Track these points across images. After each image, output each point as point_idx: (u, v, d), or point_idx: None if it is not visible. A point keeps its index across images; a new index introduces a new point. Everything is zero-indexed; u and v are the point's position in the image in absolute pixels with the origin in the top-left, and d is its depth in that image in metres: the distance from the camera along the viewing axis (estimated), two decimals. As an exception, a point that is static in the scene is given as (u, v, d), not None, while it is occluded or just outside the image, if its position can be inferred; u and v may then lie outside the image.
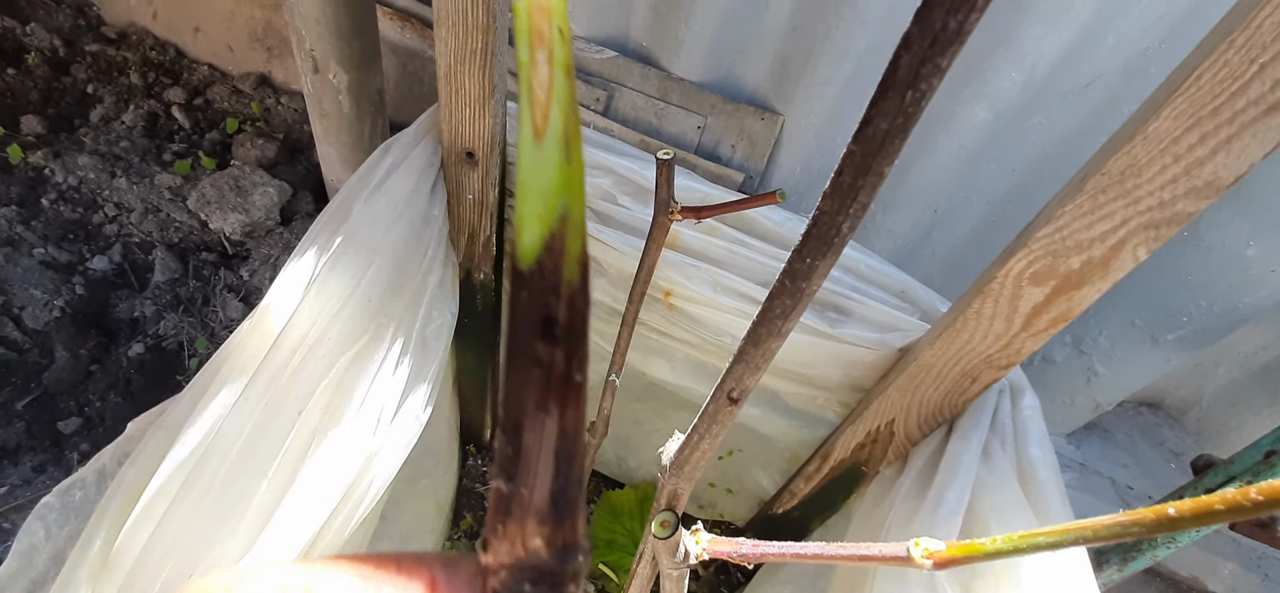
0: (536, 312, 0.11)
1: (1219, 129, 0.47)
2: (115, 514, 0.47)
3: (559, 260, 0.11)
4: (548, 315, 0.11)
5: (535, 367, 0.11)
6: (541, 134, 0.11)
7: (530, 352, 0.11)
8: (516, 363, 0.11)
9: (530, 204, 0.10)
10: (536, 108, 0.11)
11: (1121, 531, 0.26)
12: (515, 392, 0.11)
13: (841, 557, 0.38)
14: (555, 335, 0.11)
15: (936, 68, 0.27)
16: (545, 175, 0.11)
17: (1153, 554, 0.87)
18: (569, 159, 0.11)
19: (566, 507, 0.12)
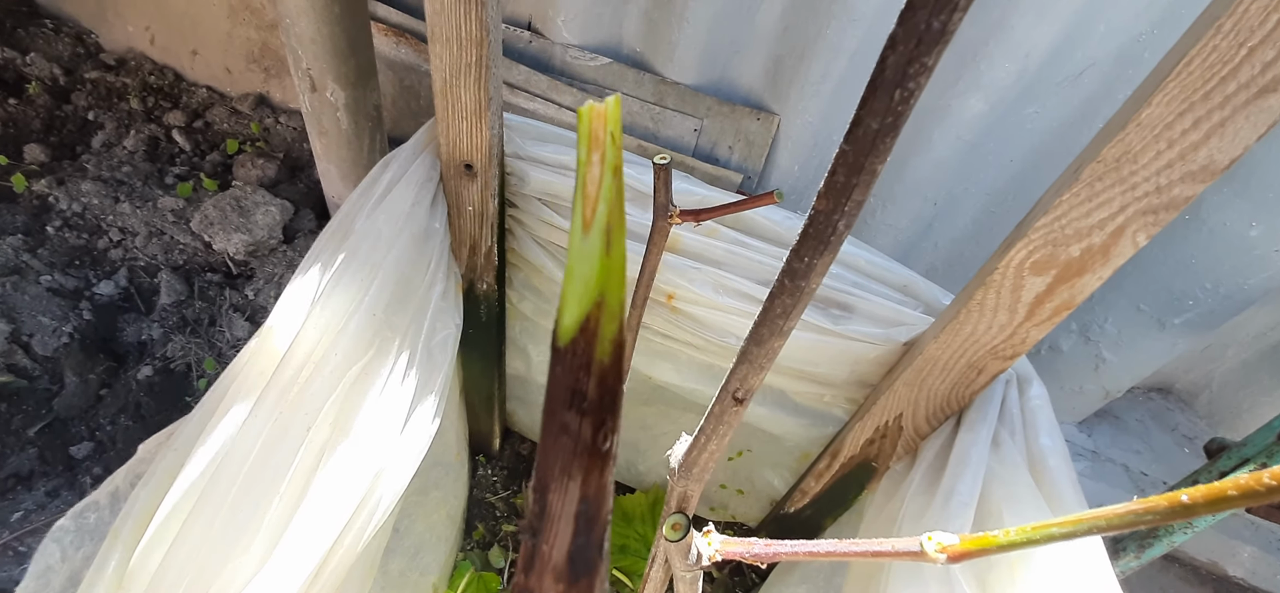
0: (568, 385, 0.12)
1: (1211, 113, 0.47)
2: (129, 535, 0.47)
3: (593, 341, 0.12)
4: (578, 389, 0.12)
5: (564, 435, 0.12)
6: (589, 226, 0.12)
7: (560, 421, 0.12)
8: (549, 430, 0.12)
9: (573, 288, 0.12)
10: (587, 203, 0.12)
11: (1135, 519, 0.26)
12: (545, 455, 0.12)
13: (855, 553, 0.38)
14: (584, 408, 0.12)
15: (923, 67, 0.28)
16: (588, 264, 0.12)
17: (1170, 540, 0.86)
18: (609, 251, 0.12)
19: (584, 566, 0.12)
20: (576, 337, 0.12)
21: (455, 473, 1.12)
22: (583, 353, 0.12)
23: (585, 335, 0.12)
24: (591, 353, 0.12)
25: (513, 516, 1.34)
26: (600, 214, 0.12)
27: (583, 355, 0.12)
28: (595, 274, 0.12)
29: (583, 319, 0.12)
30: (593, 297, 0.12)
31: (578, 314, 0.12)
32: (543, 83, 1.40)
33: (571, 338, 0.12)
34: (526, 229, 0.93)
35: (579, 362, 0.12)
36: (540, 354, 1.15)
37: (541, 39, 1.43)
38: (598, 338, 0.12)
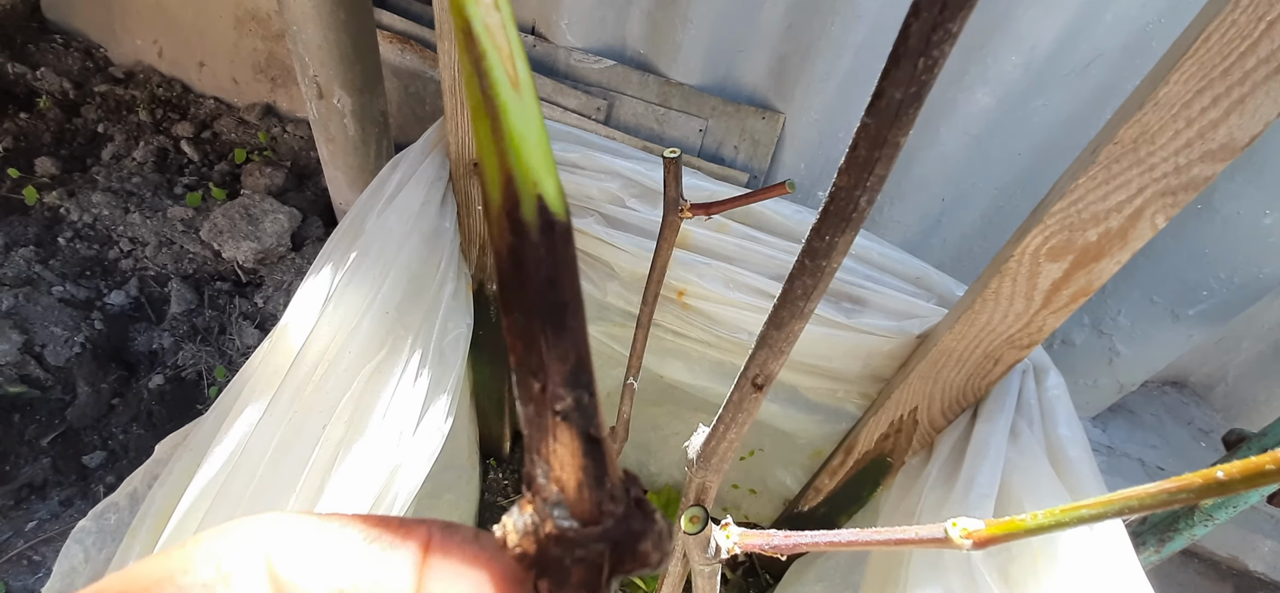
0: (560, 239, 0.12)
1: (1230, 90, 0.47)
2: (147, 536, 0.47)
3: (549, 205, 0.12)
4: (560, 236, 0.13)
5: (547, 291, 0.12)
6: (519, 85, 0.11)
7: (543, 280, 0.12)
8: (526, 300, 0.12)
9: (533, 155, 0.12)
10: (505, 61, 0.11)
11: (1169, 498, 0.26)
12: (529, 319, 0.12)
13: (876, 542, 0.37)
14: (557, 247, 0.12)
15: (947, 33, 0.27)
16: (534, 126, 0.12)
17: (1190, 534, 0.85)
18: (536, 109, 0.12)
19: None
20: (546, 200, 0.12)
21: (467, 476, 1.11)
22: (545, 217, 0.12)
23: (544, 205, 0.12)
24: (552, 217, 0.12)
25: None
26: (522, 71, 0.11)
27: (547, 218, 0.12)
28: (542, 134, 0.12)
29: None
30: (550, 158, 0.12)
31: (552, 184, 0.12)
32: (547, 86, 1.40)
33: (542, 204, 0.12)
34: (535, 229, 0.93)
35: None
36: (550, 356, 1.14)
37: (545, 43, 1.43)
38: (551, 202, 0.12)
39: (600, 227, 0.85)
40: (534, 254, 0.12)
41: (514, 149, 0.11)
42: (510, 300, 0.12)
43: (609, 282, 0.91)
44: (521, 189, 0.11)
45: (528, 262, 0.12)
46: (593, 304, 0.98)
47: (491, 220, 0.12)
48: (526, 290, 0.12)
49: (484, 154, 0.11)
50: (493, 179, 0.12)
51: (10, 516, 1.18)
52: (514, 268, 0.12)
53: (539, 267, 0.12)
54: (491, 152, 0.11)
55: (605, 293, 0.91)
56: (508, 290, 0.12)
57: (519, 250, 0.12)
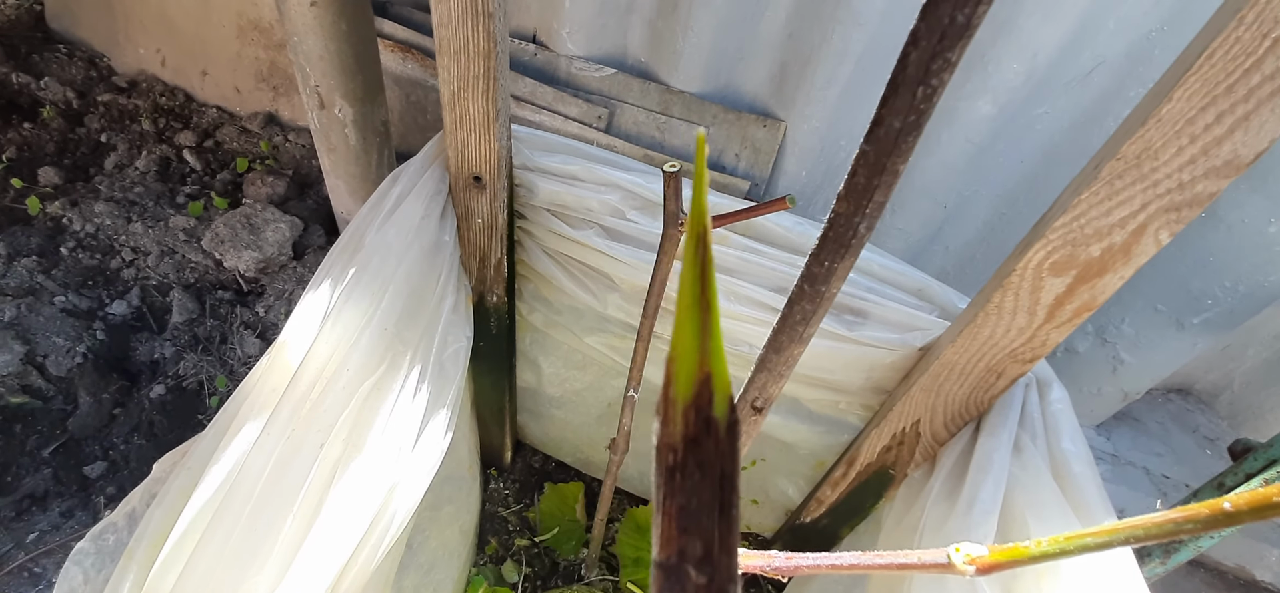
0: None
1: (1235, 106, 0.47)
2: (143, 556, 0.47)
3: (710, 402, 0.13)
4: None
5: (725, 487, 0.13)
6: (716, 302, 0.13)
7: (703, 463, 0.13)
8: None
9: (724, 362, 0.13)
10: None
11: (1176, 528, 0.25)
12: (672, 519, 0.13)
13: (878, 566, 0.37)
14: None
15: (946, 63, 0.27)
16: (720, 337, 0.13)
17: (1196, 545, 0.84)
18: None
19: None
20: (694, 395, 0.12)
21: (467, 487, 1.11)
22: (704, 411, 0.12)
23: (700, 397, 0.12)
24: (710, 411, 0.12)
25: (525, 529, 1.33)
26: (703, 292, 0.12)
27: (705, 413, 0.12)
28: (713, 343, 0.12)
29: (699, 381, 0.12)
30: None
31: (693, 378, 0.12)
32: (548, 95, 1.40)
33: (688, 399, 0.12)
34: (536, 240, 0.92)
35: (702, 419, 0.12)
36: (551, 367, 1.14)
37: (546, 51, 1.43)
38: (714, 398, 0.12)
39: (601, 239, 0.85)
40: (718, 450, 0.12)
41: (716, 351, 0.12)
42: (679, 490, 0.12)
43: (609, 294, 0.91)
44: (717, 389, 0.12)
45: (710, 457, 0.12)
46: (593, 316, 0.97)
47: (672, 411, 0.12)
48: (705, 485, 0.12)
49: (681, 348, 0.12)
50: (686, 374, 0.12)
51: (11, 527, 1.18)
52: (695, 460, 0.12)
53: (721, 462, 0.12)
54: (692, 348, 0.12)
55: (606, 305, 0.91)
56: (678, 480, 0.12)
57: (701, 445, 0.12)
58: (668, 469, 0.12)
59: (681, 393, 0.12)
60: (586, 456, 1.34)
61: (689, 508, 0.12)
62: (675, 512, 0.12)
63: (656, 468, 0.13)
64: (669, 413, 0.12)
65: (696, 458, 0.12)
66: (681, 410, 0.12)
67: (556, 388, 1.18)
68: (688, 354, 0.12)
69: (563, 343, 1.07)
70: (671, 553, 0.12)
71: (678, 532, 0.12)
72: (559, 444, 1.36)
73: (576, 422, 1.23)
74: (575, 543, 1.28)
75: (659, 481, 0.13)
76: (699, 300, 0.12)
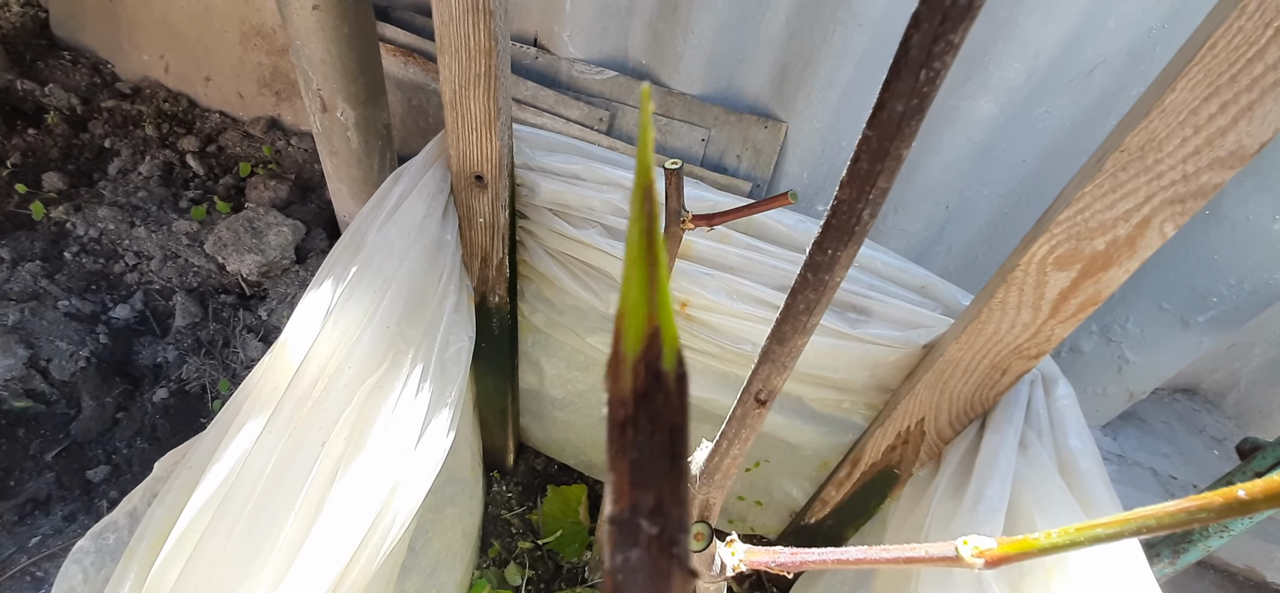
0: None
1: (1239, 96, 0.46)
2: (145, 554, 0.47)
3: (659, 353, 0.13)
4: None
5: (676, 439, 0.13)
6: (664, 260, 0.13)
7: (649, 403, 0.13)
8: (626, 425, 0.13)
9: (672, 316, 0.13)
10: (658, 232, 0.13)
11: (1188, 518, 0.25)
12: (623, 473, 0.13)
13: (885, 560, 0.37)
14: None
15: (949, 45, 0.27)
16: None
17: (1205, 545, 0.83)
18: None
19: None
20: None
21: (470, 489, 1.10)
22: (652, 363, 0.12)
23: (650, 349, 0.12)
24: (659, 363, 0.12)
25: (528, 532, 1.33)
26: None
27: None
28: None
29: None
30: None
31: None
32: (550, 97, 1.40)
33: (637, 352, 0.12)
34: (538, 240, 0.92)
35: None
36: (553, 368, 1.14)
37: (547, 54, 1.44)
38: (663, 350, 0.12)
39: (602, 238, 0.85)
40: (668, 402, 0.12)
41: (663, 304, 0.12)
42: (630, 444, 0.12)
43: (611, 292, 0.90)
44: (665, 341, 0.12)
45: (660, 410, 0.12)
46: (595, 315, 0.97)
47: (622, 367, 0.12)
48: (656, 437, 0.12)
49: (630, 304, 0.12)
50: (635, 329, 0.12)
51: (14, 531, 1.18)
52: (646, 415, 0.12)
53: (671, 414, 0.12)
54: (641, 301, 0.12)
55: (608, 304, 0.91)
56: (630, 434, 0.12)
57: (652, 398, 0.12)
58: (619, 424, 0.12)
59: (631, 347, 0.12)
60: (589, 458, 1.34)
61: (641, 461, 0.12)
62: (627, 466, 0.12)
63: (609, 424, 0.13)
64: (619, 369, 0.12)
65: (647, 411, 0.12)
66: (631, 365, 0.12)
67: (559, 389, 1.17)
68: (636, 308, 0.12)
69: (565, 344, 1.06)
70: (624, 507, 0.12)
71: (630, 486, 0.12)
72: (562, 446, 1.35)
73: (579, 423, 1.23)
74: (579, 546, 1.27)
75: (611, 436, 0.13)
76: (645, 254, 0.12)
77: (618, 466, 0.12)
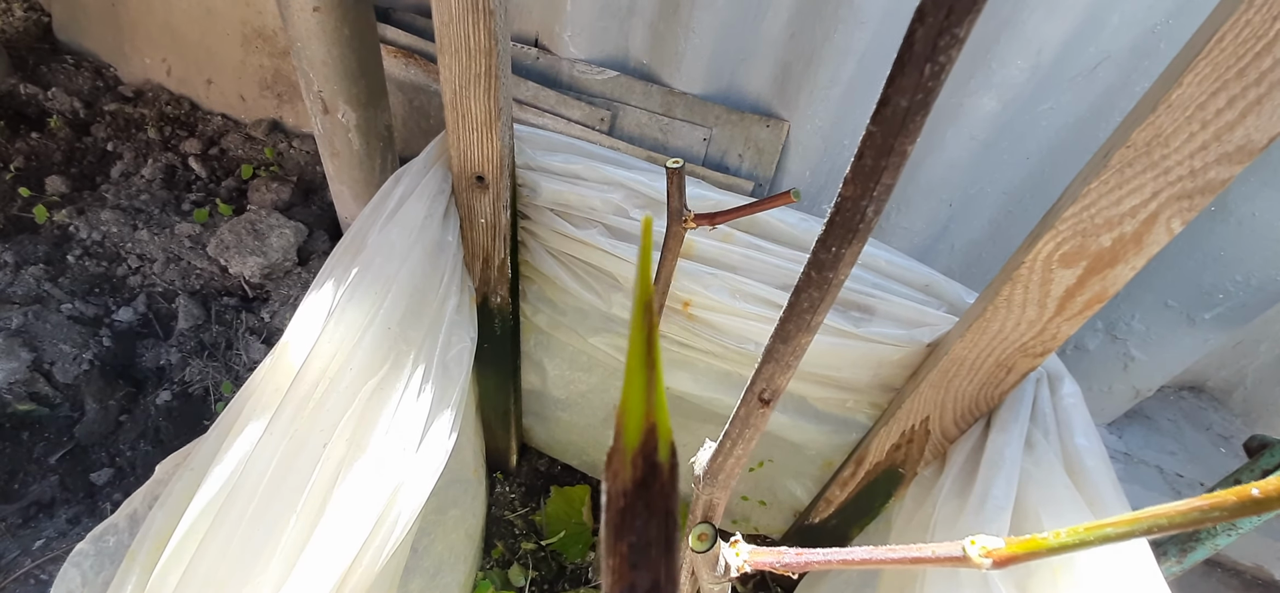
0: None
1: (1247, 90, 0.46)
2: (146, 558, 0.47)
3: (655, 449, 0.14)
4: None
5: (668, 523, 0.14)
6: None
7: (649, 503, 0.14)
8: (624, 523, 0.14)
9: (666, 414, 0.14)
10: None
11: (1201, 517, 0.24)
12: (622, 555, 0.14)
13: (891, 560, 0.36)
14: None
15: (954, 39, 0.26)
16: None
17: (1213, 543, 0.83)
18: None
19: None
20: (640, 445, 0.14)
21: (473, 490, 1.10)
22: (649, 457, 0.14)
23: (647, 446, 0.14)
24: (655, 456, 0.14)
25: (531, 533, 1.33)
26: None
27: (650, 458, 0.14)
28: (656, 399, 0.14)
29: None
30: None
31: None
32: (551, 97, 1.40)
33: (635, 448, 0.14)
34: (540, 240, 0.92)
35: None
36: (555, 368, 1.14)
37: (548, 55, 1.43)
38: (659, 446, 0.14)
39: (604, 238, 0.84)
40: (662, 491, 0.14)
41: (660, 406, 0.13)
42: (627, 528, 0.14)
43: (613, 293, 0.90)
44: (660, 436, 0.14)
45: (656, 497, 0.13)
46: (597, 316, 0.97)
47: (621, 459, 0.14)
48: (652, 521, 0.14)
49: (630, 402, 0.13)
50: (634, 425, 0.13)
51: (18, 534, 1.18)
52: (643, 501, 0.13)
53: (665, 501, 0.14)
54: (640, 401, 0.13)
55: (610, 304, 0.91)
56: (627, 520, 0.14)
57: (649, 487, 0.13)
58: (619, 512, 0.14)
59: (630, 442, 0.13)
60: (592, 458, 1.33)
61: (638, 545, 0.14)
62: (625, 550, 0.14)
63: (607, 512, 0.14)
64: (619, 462, 0.14)
65: (645, 499, 0.13)
66: (630, 457, 0.13)
67: (562, 390, 1.17)
68: (635, 408, 0.13)
69: (567, 344, 1.06)
70: (622, 588, 0.14)
71: (629, 568, 0.14)
72: (565, 447, 1.35)
73: (582, 424, 1.23)
74: (582, 546, 1.27)
75: (610, 522, 0.14)
76: (645, 361, 0.13)
77: (618, 550, 0.14)
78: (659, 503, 0.14)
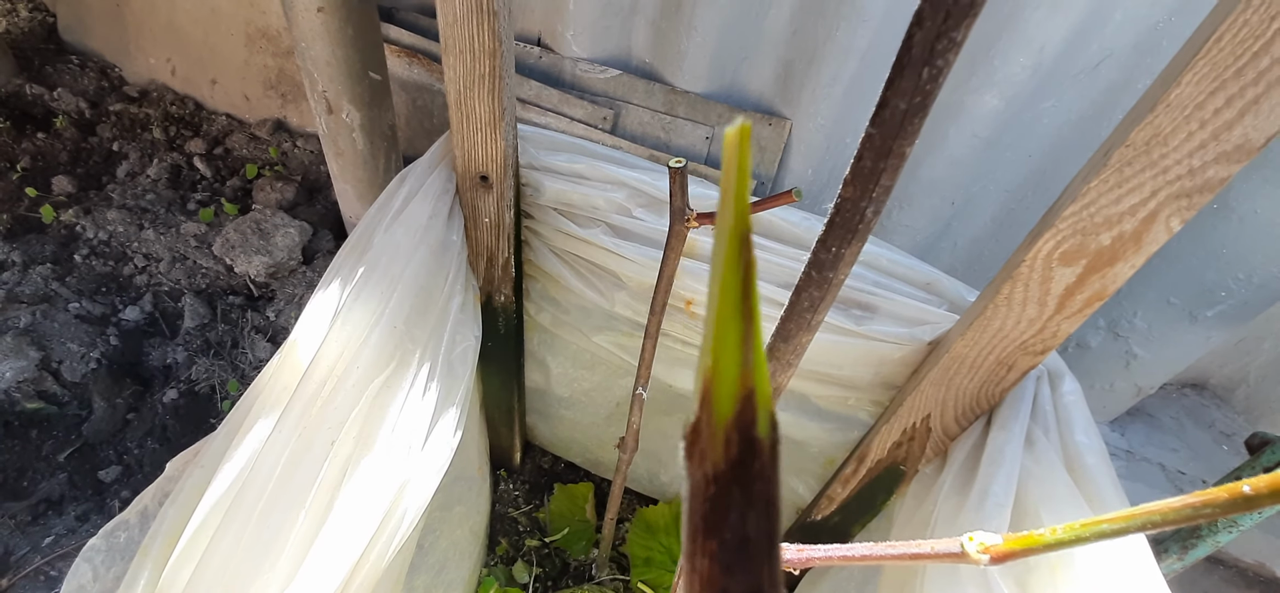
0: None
1: (1244, 90, 0.46)
2: (158, 554, 0.47)
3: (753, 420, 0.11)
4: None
5: (771, 511, 0.11)
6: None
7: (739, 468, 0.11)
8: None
9: (767, 379, 0.11)
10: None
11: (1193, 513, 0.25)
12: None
13: (891, 556, 0.37)
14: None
15: (952, 42, 0.27)
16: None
17: (1214, 540, 0.83)
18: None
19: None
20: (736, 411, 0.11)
21: (477, 488, 1.11)
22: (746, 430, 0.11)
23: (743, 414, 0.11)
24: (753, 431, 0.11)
25: (535, 530, 1.34)
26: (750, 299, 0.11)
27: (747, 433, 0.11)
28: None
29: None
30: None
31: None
32: (554, 97, 1.41)
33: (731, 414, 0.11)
34: (543, 240, 0.93)
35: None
36: (559, 367, 1.14)
37: (551, 54, 1.44)
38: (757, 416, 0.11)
39: (607, 237, 0.85)
40: (763, 474, 0.11)
41: (759, 365, 0.11)
42: (721, 523, 0.11)
43: (617, 291, 0.91)
44: (760, 405, 0.11)
45: (756, 479, 0.11)
46: (601, 314, 0.98)
47: (710, 435, 0.11)
48: (750, 513, 0.11)
49: (722, 363, 0.11)
50: (728, 392, 0.11)
51: (27, 531, 1.19)
52: (738, 487, 0.11)
53: (766, 485, 0.11)
54: (734, 362, 0.11)
55: (613, 303, 0.91)
56: (719, 511, 0.11)
57: (747, 466, 0.11)
58: (708, 500, 0.11)
59: (722, 412, 0.11)
60: (596, 455, 1.34)
61: (733, 543, 0.11)
62: (716, 549, 0.11)
63: (691, 503, 0.11)
64: (708, 438, 0.11)
65: (741, 484, 0.11)
66: (723, 432, 0.11)
67: (565, 388, 1.18)
68: (729, 370, 0.11)
69: (571, 342, 1.07)
70: (710, 580, 0.11)
71: (721, 573, 0.11)
72: (568, 445, 1.36)
73: (585, 422, 1.24)
74: (585, 543, 1.28)
75: (696, 513, 0.11)
76: (740, 308, 0.11)
77: (705, 549, 0.11)
78: (760, 489, 0.11)
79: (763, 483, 0.11)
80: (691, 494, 0.11)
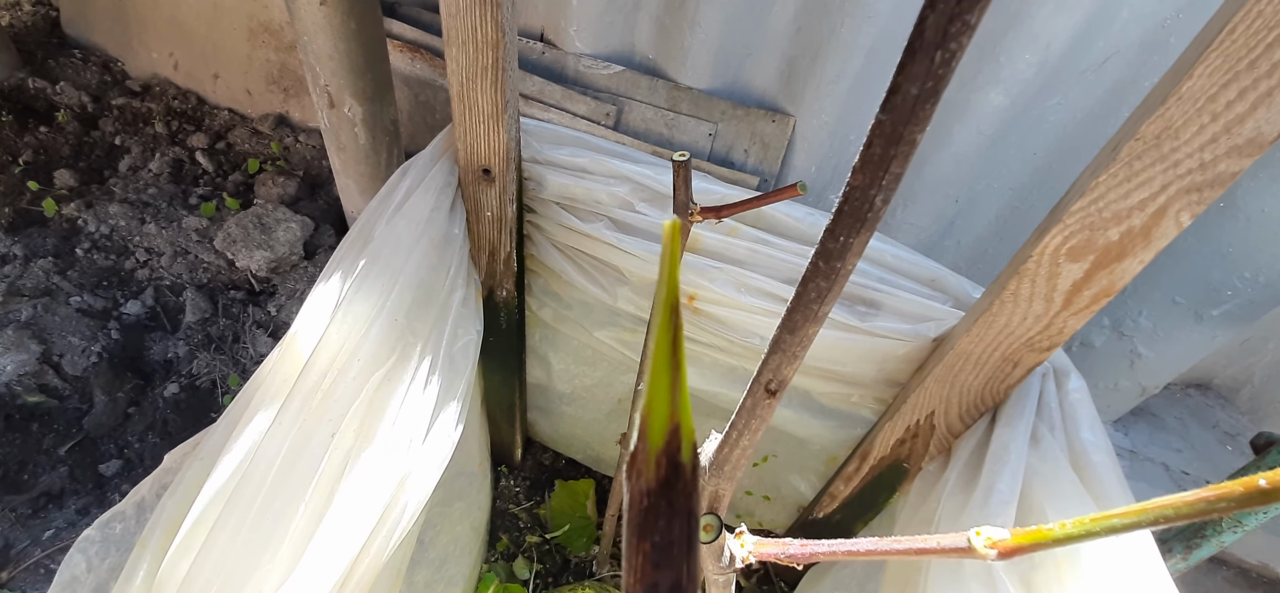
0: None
1: (1258, 82, 0.45)
2: (157, 545, 0.47)
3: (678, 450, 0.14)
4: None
5: (690, 521, 0.14)
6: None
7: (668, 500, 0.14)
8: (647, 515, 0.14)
9: (690, 414, 0.14)
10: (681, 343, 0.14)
11: (1207, 507, 0.24)
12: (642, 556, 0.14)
13: (896, 551, 0.36)
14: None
15: (965, 25, 0.26)
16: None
17: (1218, 541, 0.83)
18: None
19: None
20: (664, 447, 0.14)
21: (478, 483, 1.11)
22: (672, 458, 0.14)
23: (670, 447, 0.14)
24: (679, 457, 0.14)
25: (536, 526, 1.33)
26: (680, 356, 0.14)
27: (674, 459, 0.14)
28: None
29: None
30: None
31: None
32: (557, 92, 1.40)
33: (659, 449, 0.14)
34: (545, 234, 0.92)
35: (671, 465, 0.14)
36: (561, 363, 1.14)
37: (554, 49, 1.43)
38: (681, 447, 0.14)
39: (610, 231, 0.84)
40: (685, 490, 0.14)
41: (684, 407, 0.14)
42: (650, 528, 0.14)
43: (619, 286, 0.90)
44: (684, 436, 0.14)
45: (678, 496, 0.14)
46: (603, 309, 0.97)
47: (644, 458, 0.14)
48: (675, 521, 0.14)
49: (655, 402, 0.13)
50: (659, 426, 0.13)
51: (28, 524, 1.19)
52: (665, 501, 0.14)
53: (687, 500, 0.14)
54: (665, 402, 0.13)
55: (616, 298, 0.91)
56: (650, 520, 0.14)
57: (672, 486, 0.13)
58: (642, 512, 0.14)
59: (655, 442, 0.13)
60: (597, 452, 1.34)
61: (661, 544, 0.14)
62: (648, 549, 0.14)
63: (629, 511, 0.14)
64: (643, 462, 0.14)
65: (668, 499, 0.13)
66: (654, 457, 0.13)
67: (567, 384, 1.17)
68: (660, 408, 0.13)
69: (573, 338, 1.06)
70: (645, 587, 0.14)
71: (652, 568, 0.14)
72: (569, 441, 1.35)
73: (587, 418, 1.23)
74: (586, 540, 1.28)
75: (632, 521, 0.14)
76: (670, 361, 0.13)
77: (640, 548, 0.14)
78: (682, 503, 0.14)
79: (684, 497, 0.14)
80: (630, 505, 0.14)
